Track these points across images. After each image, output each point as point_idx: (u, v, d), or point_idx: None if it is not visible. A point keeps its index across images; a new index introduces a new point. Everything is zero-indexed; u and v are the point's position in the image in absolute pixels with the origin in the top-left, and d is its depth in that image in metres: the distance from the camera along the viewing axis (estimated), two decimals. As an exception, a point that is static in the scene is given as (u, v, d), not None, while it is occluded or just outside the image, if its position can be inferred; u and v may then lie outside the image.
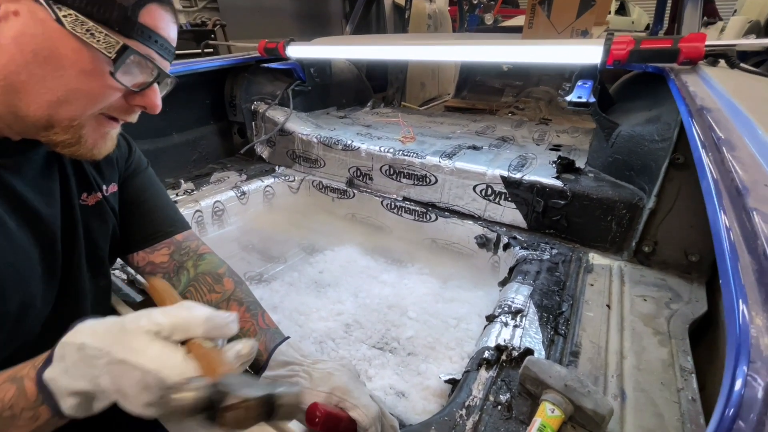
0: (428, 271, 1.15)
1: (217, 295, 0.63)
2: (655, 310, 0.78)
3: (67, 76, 0.41)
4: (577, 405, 0.53)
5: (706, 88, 0.62)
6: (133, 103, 0.48)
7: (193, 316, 0.38)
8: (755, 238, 0.26)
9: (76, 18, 0.40)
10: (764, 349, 0.21)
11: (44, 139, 0.45)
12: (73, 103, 0.43)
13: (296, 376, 0.51)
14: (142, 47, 0.44)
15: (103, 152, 0.49)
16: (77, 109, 0.44)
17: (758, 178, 0.32)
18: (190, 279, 0.65)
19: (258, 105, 1.65)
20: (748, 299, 0.23)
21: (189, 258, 0.66)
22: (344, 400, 0.47)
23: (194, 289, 0.64)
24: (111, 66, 0.43)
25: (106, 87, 0.44)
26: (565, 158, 1.09)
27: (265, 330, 0.59)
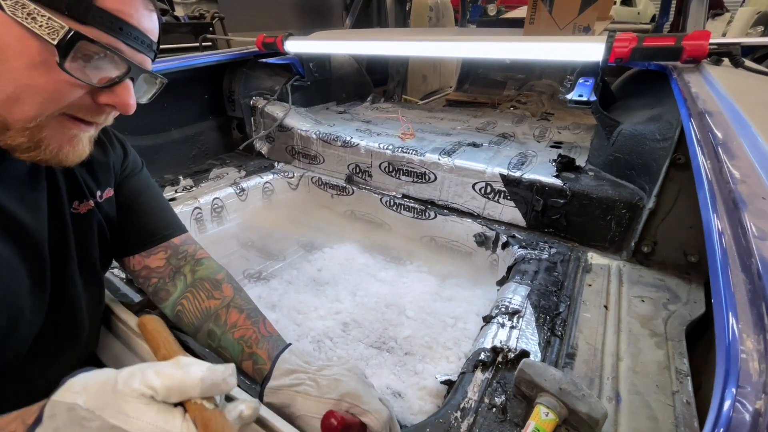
0: (427, 269, 1.15)
1: (216, 302, 0.62)
2: (653, 311, 0.78)
3: (14, 70, 0.36)
4: (572, 408, 0.53)
5: (708, 89, 0.61)
6: (101, 101, 0.42)
7: (188, 377, 0.35)
8: (749, 255, 0.26)
9: (17, 1, 0.35)
10: (753, 374, 0.21)
11: (1, 144, 0.41)
12: (26, 102, 0.38)
13: (302, 385, 0.50)
14: (103, 36, 0.39)
15: (71, 158, 0.45)
16: (31, 109, 0.39)
17: (757, 190, 0.31)
18: (187, 284, 0.64)
19: (257, 100, 1.64)
20: (740, 320, 0.23)
21: (186, 263, 0.65)
22: (355, 405, 0.46)
23: (192, 295, 0.63)
24: (57, 55, 0.37)
25: (58, 82, 0.39)
26: (565, 156, 1.08)
27: (267, 338, 0.58)
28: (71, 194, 0.55)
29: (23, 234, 0.47)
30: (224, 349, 0.60)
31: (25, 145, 0.41)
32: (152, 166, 1.50)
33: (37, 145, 0.41)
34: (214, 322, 0.61)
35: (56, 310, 0.53)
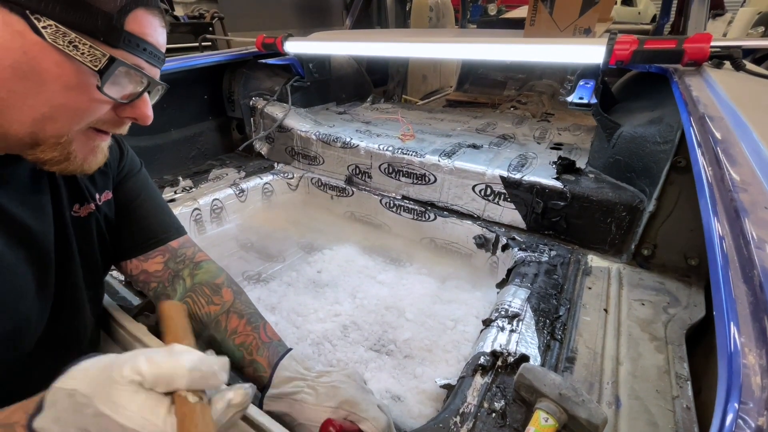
0: (426, 271, 1.14)
1: (216, 307, 0.62)
2: (653, 315, 0.77)
3: (50, 92, 0.39)
4: (571, 414, 0.53)
5: (709, 93, 0.61)
6: (123, 115, 0.46)
7: (177, 365, 0.34)
8: (752, 267, 0.26)
9: (57, 29, 0.37)
10: (756, 389, 0.20)
11: (31, 157, 0.43)
12: (59, 120, 0.41)
13: (301, 393, 0.50)
14: (130, 57, 0.42)
15: (93, 166, 0.47)
16: (63, 126, 0.42)
17: (758, 199, 0.31)
18: (186, 289, 0.63)
19: (256, 101, 1.64)
20: (742, 334, 0.23)
21: (185, 266, 0.65)
22: (353, 413, 0.46)
23: (191, 300, 0.62)
24: (97, 79, 0.40)
25: (93, 101, 0.42)
26: (565, 159, 1.08)
27: (268, 344, 0.58)
28: (72, 197, 0.55)
29: (29, 238, 0.48)
30: (228, 353, 0.59)
31: (56, 159, 0.43)
32: (151, 166, 1.51)
33: (66, 157, 0.44)
34: (214, 329, 0.61)
35: (60, 312, 0.53)
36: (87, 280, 0.57)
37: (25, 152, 0.43)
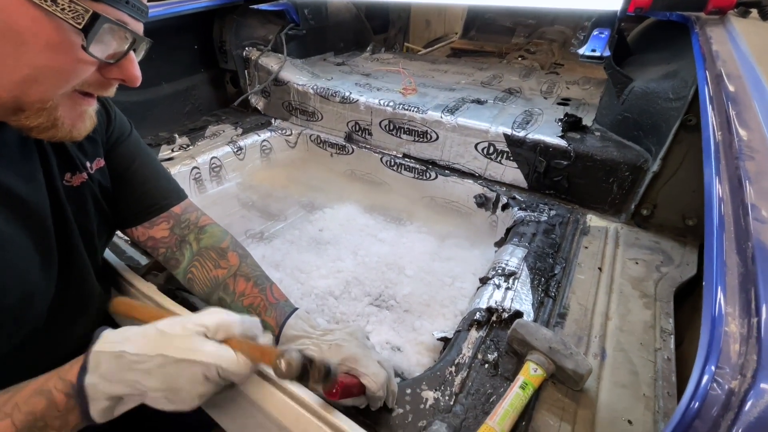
0: (426, 230, 1.16)
1: (223, 271, 0.63)
2: (645, 273, 0.80)
3: (31, 52, 0.37)
4: (559, 365, 0.57)
5: (731, 47, 0.57)
6: (109, 76, 0.43)
7: (231, 317, 0.44)
8: (747, 239, 0.26)
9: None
10: (733, 356, 0.22)
11: (15, 123, 0.41)
12: (43, 83, 0.39)
13: (306, 350, 0.52)
14: (112, 11, 0.39)
15: (82, 133, 0.46)
16: (48, 89, 0.40)
17: (766, 168, 0.31)
18: (193, 254, 0.64)
19: (250, 51, 1.55)
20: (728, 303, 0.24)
21: (190, 231, 0.66)
22: (354, 368, 0.49)
23: (199, 264, 0.64)
24: (82, 38, 0.38)
25: (77, 62, 0.39)
26: (571, 116, 1.04)
27: (275, 305, 0.60)
28: (62, 166, 0.54)
29: (25, 209, 0.47)
30: None
31: (43, 125, 0.42)
32: (145, 123, 1.47)
33: (53, 123, 0.42)
34: (223, 291, 0.63)
35: (66, 280, 0.54)
36: (88, 249, 0.57)
37: (9, 119, 0.41)
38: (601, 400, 0.56)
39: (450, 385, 0.58)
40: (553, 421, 0.54)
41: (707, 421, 0.20)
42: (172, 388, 0.40)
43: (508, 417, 0.51)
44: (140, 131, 1.52)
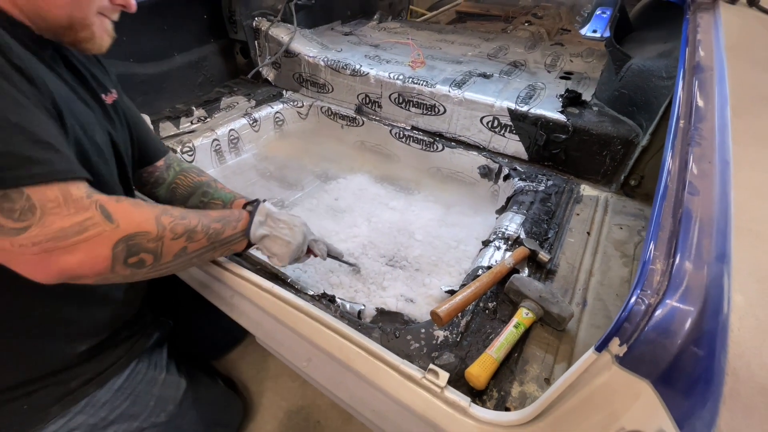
0: (433, 199, 1.26)
1: (205, 177, 0.87)
2: (627, 236, 0.91)
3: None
4: (546, 310, 0.69)
5: (712, 36, 0.64)
6: (115, 2, 0.58)
7: None
8: (680, 206, 0.36)
9: None
10: (654, 283, 0.33)
11: (67, 38, 0.55)
12: (81, 4, 0.53)
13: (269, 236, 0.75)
14: None
15: (105, 45, 0.60)
16: (84, 9, 0.54)
17: (707, 153, 0.40)
18: (177, 172, 0.86)
19: (260, 21, 1.57)
20: (657, 249, 0.34)
21: (173, 161, 0.88)
22: None
23: (183, 176, 0.85)
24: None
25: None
26: (572, 91, 1.11)
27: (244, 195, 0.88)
28: (97, 86, 0.68)
29: (99, 115, 0.63)
30: (217, 199, 0.85)
31: (87, 37, 0.57)
32: (161, 96, 1.53)
33: (92, 36, 0.57)
34: (206, 187, 0.86)
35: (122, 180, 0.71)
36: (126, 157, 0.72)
37: (64, 34, 0.55)
38: (579, 337, 0.69)
39: (456, 327, 0.71)
40: (539, 353, 0.67)
41: (633, 323, 0.32)
42: (297, 240, 0.70)
43: (503, 348, 0.64)
44: (158, 103, 1.58)
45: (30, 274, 0.47)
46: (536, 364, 0.65)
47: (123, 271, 0.52)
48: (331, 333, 0.61)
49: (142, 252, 0.53)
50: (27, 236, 0.44)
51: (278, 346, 0.73)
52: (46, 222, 0.45)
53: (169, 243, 0.56)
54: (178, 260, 0.59)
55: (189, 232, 0.59)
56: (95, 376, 0.71)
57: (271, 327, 0.72)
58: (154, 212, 0.55)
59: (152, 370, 0.81)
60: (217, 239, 0.64)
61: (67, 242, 0.46)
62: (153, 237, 0.53)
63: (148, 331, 0.83)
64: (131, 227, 0.51)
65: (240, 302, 0.77)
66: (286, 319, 0.67)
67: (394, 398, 0.55)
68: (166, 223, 0.56)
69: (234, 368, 1.23)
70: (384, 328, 0.69)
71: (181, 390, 0.85)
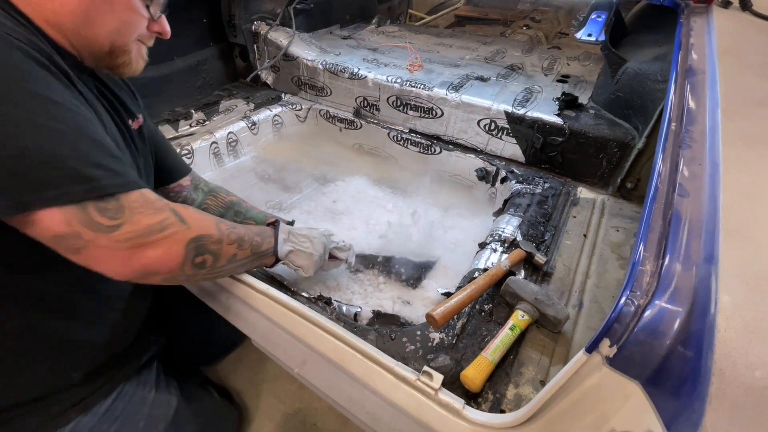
0: (431, 201, 1.26)
1: (234, 197, 0.92)
2: (624, 239, 0.91)
3: (118, 11, 0.55)
4: (542, 313, 0.69)
5: (705, 40, 0.64)
6: (152, 30, 0.61)
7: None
8: (670, 208, 0.36)
9: None
10: (644, 285, 0.33)
11: (105, 62, 0.59)
12: (123, 33, 0.56)
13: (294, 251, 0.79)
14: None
15: (140, 69, 0.63)
16: (125, 38, 0.57)
17: (697, 155, 0.40)
18: (206, 193, 0.90)
19: (259, 25, 1.58)
20: (647, 250, 0.34)
21: (200, 181, 0.92)
22: None
23: (213, 197, 0.90)
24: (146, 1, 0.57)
25: (141, 17, 0.57)
26: (568, 94, 1.11)
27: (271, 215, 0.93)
28: (125, 111, 0.70)
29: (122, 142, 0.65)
30: (250, 219, 0.90)
31: (125, 63, 0.60)
32: (161, 99, 1.54)
33: (129, 62, 0.60)
34: (237, 206, 0.90)
35: None
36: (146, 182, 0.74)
37: (103, 61, 0.58)
38: (575, 339, 0.69)
39: (452, 329, 0.71)
40: (535, 355, 0.67)
41: (623, 323, 0.32)
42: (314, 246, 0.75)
43: (499, 351, 0.64)
44: (157, 106, 1.59)
45: (116, 269, 0.51)
46: (532, 366, 0.65)
47: (189, 271, 0.57)
48: (325, 335, 0.61)
49: (206, 253, 0.58)
50: (121, 233, 0.49)
51: (274, 348, 0.73)
52: (135, 220, 0.50)
53: (226, 247, 0.62)
54: (229, 265, 0.64)
55: (240, 240, 0.65)
56: (79, 402, 0.68)
57: (267, 329, 0.73)
58: (214, 219, 0.62)
59: (141, 389, 0.78)
60: (257, 251, 0.69)
61: (152, 238, 0.51)
62: (215, 240, 0.59)
63: (137, 354, 0.80)
64: (200, 229, 0.57)
65: (236, 304, 0.77)
66: (281, 321, 0.68)
67: (388, 400, 0.56)
68: (224, 229, 0.62)
69: (231, 371, 1.23)
70: (380, 331, 0.69)
71: (172, 408, 0.82)
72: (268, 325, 0.71)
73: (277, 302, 0.69)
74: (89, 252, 0.48)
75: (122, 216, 0.49)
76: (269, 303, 0.70)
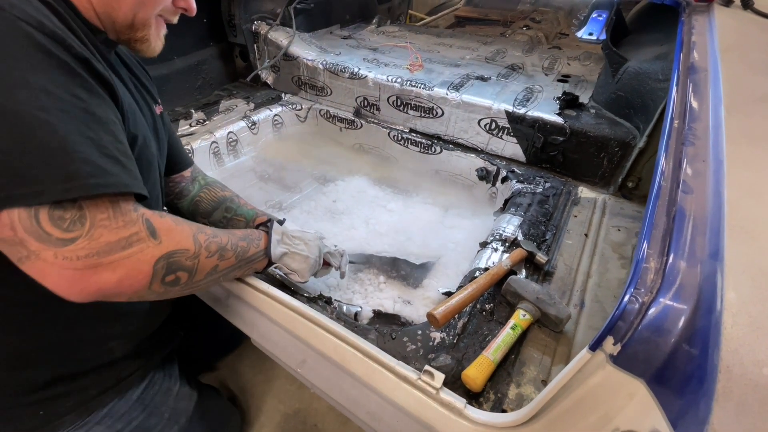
0: (431, 201, 1.26)
1: (228, 192, 0.88)
2: (625, 238, 0.91)
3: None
4: (544, 312, 0.69)
5: (707, 38, 0.64)
6: (177, 5, 0.58)
7: None
8: (674, 204, 0.36)
9: None
10: (648, 282, 0.32)
11: (127, 35, 0.55)
12: (146, 5, 0.53)
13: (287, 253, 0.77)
14: None
15: (158, 49, 0.60)
16: (148, 10, 0.54)
17: (701, 152, 0.40)
18: (201, 185, 0.87)
19: (259, 25, 1.58)
20: (651, 247, 0.34)
21: (199, 173, 0.90)
22: None
23: (207, 190, 0.87)
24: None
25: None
26: (569, 94, 1.11)
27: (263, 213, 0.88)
28: (151, 97, 0.70)
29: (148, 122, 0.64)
30: (240, 216, 0.85)
31: (144, 38, 0.56)
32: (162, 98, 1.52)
33: (148, 38, 0.57)
34: (229, 202, 0.86)
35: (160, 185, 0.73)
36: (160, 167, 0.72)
37: (125, 33, 0.55)
38: (577, 339, 0.69)
39: (453, 328, 0.70)
40: (536, 355, 0.66)
41: (627, 321, 0.32)
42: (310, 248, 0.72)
43: (500, 350, 0.63)
44: (158, 107, 1.57)
45: (63, 290, 0.44)
46: (533, 365, 0.64)
47: (159, 289, 0.51)
48: (326, 334, 0.61)
49: (180, 270, 0.53)
50: (73, 248, 0.42)
51: (274, 347, 0.72)
52: (95, 235, 0.43)
53: (204, 261, 0.57)
54: (209, 278, 0.59)
55: (221, 250, 0.60)
56: (114, 384, 0.69)
57: (267, 328, 0.72)
58: (192, 230, 0.56)
59: (167, 380, 0.79)
60: (243, 257, 0.65)
61: (111, 258, 0.45)
62: (191, 254, 0.54)
63: (165, 341, 0.81)
64: (173, 244, 0.51)
65: (235, 303, 0.77)
66: (281, 320, 0.67)
67: (389, 400, 0.55)
68: (202, 240, 0.56)
69: (231, 371, 1.23)
70: (380, 330, 0.68)
71: (193, 402, 0.83)
72: (268, 324, 0.70)
73: (277, 301, 0.69)
74: (33, 264, 0.42)
75: (79, 228, 0.42)
76: (269, 302, 0.69)
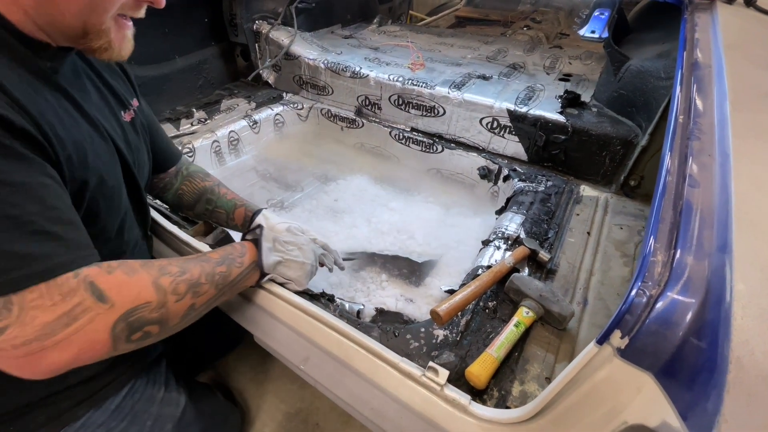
0: (433, 200, 1.26)
1: (210, 182, 0.86)
2: (628, 236, 0.91)
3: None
4: (547, 309, 0.69)
5: (710, 35, 0.64)
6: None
7: None
8: (680, 198, 0.36)
9: None
10: (656, 275, 0.32)
11: (82, 46, 0.49)
12: (96, 8, 0.46)
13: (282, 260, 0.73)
14: None
15: (126, 53, 0.54)
16: (100, 14, 0.47)
17: (707, 147, 0.40)
18: (183, 177, 0.85)
19: (260, 24, 1.58)
20: (658, 241, 0.34)
21: (182, 165, 0.87)
22: None
23: (189, 182, 0.85)
24: None
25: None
26: (571, 92, 1.11)
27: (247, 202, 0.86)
28: (117, 104, 0.65)
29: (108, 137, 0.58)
30: (220, 207, 0.84)
31: (103, 46, 0.50)
32: (162, 98, 1.54)
33: (109, 45, 0.50)
34: (210, 194, 0.85)
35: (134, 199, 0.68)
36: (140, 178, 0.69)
37: (78, 42, 0.49)
38: (580, 336, 0.68)
39: (456, 326, 0.70)
40: (540, 352, 0.66)
41: (634, 315, 0.31)
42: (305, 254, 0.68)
43: (503, 347, 0.63)
44: (158, 105, 1.59)
45: (18, 374, 0.41)
46: (537, 363, 0.64)
47: (128, 347, 0.47)
48: (329, 331, 0.61)
49: (146, 325, 0.48)
50: (5, 338, 0.38)
51: (277, 345, 0.72)
52: (26, 319, 0.39)
53: (174, 306, 0.51)
54: (187, 318, 0.55)
55: (192, 288, 0.53)
56: (89, 397, 0.65)
57: (270, 326, 0.72)
58: (151, 276, 0.49)
59: (150, 387, 0.75)
60: (225, 283, 0.59)
61: (55, 338, 0.40)
62: (154, 306, 0.48)
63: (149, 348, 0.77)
64: (128, 302, 0.46)
65: (237, 300, 0.77)
66: (284, 317, 0.67)
67: (393, 396, 0.55)
68: (166, 285, 0.50)
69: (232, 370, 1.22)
70: (383, 327, 0.68)
71: (180, 407, 0.80)
72: (271, 321, 0.70)
73: (280, 298, 0.69)
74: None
75: (7, 315, 0.39)
76: (272, 299, 0.69)
